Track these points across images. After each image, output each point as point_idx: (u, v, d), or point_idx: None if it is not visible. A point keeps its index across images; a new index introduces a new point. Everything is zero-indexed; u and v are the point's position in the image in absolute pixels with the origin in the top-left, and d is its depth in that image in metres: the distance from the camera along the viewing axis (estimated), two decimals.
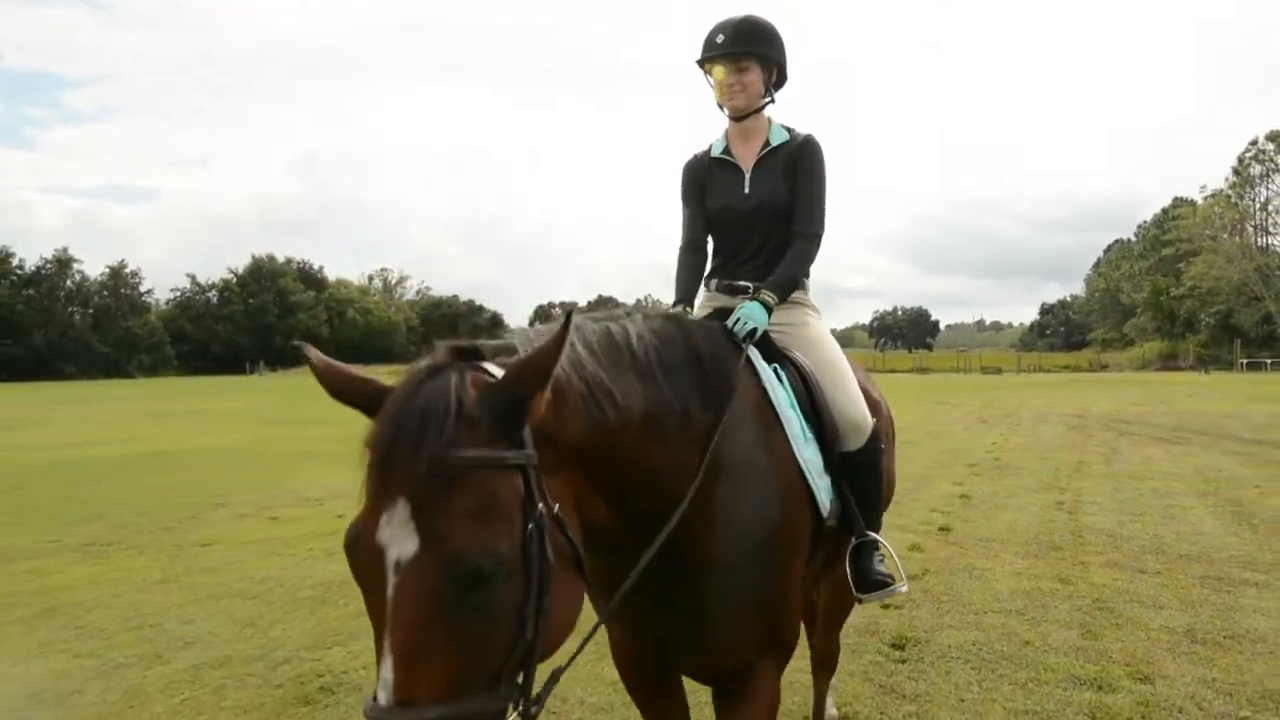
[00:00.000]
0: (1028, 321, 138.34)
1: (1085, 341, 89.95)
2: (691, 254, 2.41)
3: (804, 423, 1.94)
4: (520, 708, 1.19)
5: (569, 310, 1.27)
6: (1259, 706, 3.26)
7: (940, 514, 7.11)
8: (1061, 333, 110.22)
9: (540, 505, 1.18)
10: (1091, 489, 8.40)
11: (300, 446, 13.90)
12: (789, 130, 2.36)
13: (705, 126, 2.46)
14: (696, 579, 1.65)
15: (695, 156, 2.45)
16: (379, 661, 1.11)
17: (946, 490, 8.37)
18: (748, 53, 2.24)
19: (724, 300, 2.30)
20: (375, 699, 1.10)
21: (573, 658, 1.38)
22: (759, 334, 2.04)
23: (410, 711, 1.07)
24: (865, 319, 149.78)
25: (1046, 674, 3.61)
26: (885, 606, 4.44)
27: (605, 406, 1.40)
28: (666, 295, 2.43)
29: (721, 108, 2.34)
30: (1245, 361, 51.51)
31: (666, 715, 2.03)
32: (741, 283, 2.28)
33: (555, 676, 1.31)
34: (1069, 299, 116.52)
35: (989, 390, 30.50)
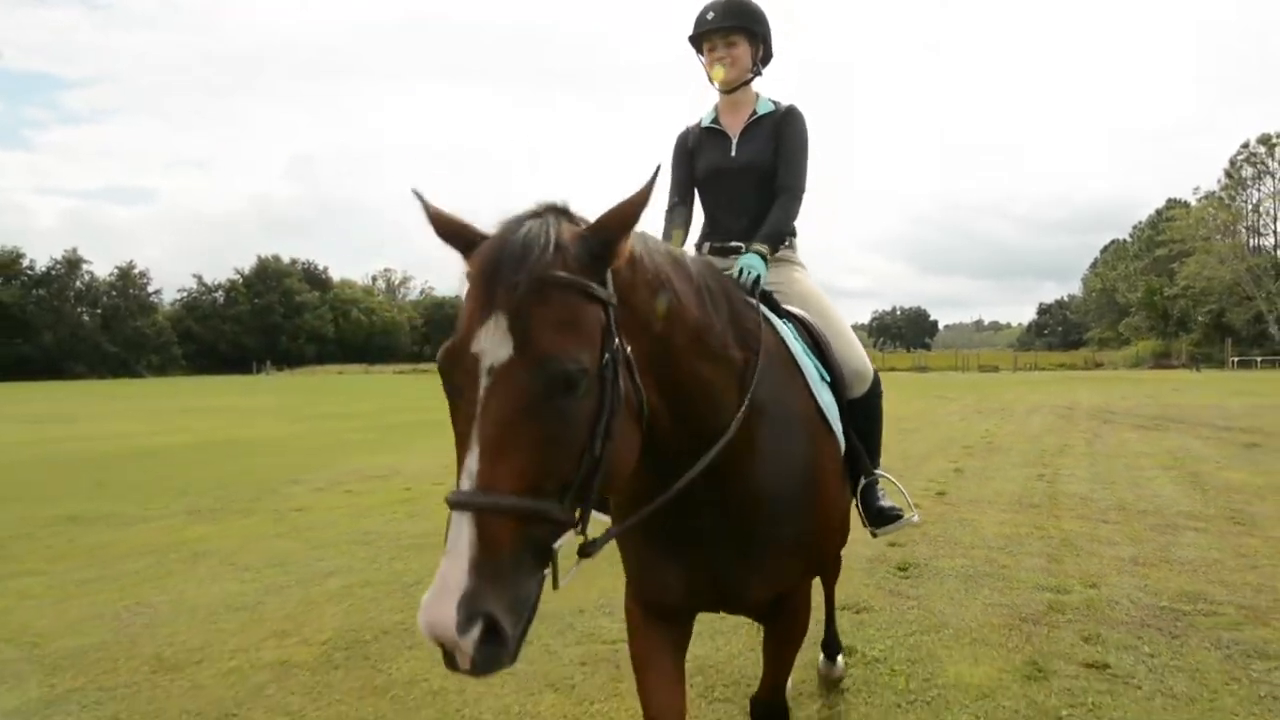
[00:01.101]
0: (1026, 322, 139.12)
1: (1083, 341, 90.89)
2: (676, 211, 2.56)
3: (820, 370, 2.07)
4: (579, 530, 1.31)
5: (659, 166, 1.36)
6: (1174, 600, 4.32)
7: (937, 484, 8.17)
8: (1059, 332, 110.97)
9: (617, 341, 1.32)
10: (1070, 464, 9.48)
11: (340, 437, 14.90)
12: (774, 102, 2.54)
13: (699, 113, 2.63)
14: (742, 516, 1.75)
15: (686, 128, 2.63)
16: (463, 456, 1.21)
17: (943, 466, 9.43)
18: (736, 27, 2.43)
19: (719, 262, 2.37)
20: (458, 488, 1.20)
21: (626, 525, 1.59)
22: (763, 282, 2.17)
23: (490, 496, 1.18)
24: (864, 319, 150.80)
25: (1017, 584, 4.67)
26: (892, 545, 5.47)
27: (669, 288, 1.52)
28: None
29: (712, 81, 2.52)
30: (1236, 359, 52.67)
31: (668, 675, 1.95)
32: (733, 244, 2.44)
33: (609, 533, 1.51)
34: (1066, 299, 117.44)
35: (985, 387, 31.57)
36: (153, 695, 3.44)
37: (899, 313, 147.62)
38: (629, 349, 1.35)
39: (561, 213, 1.37)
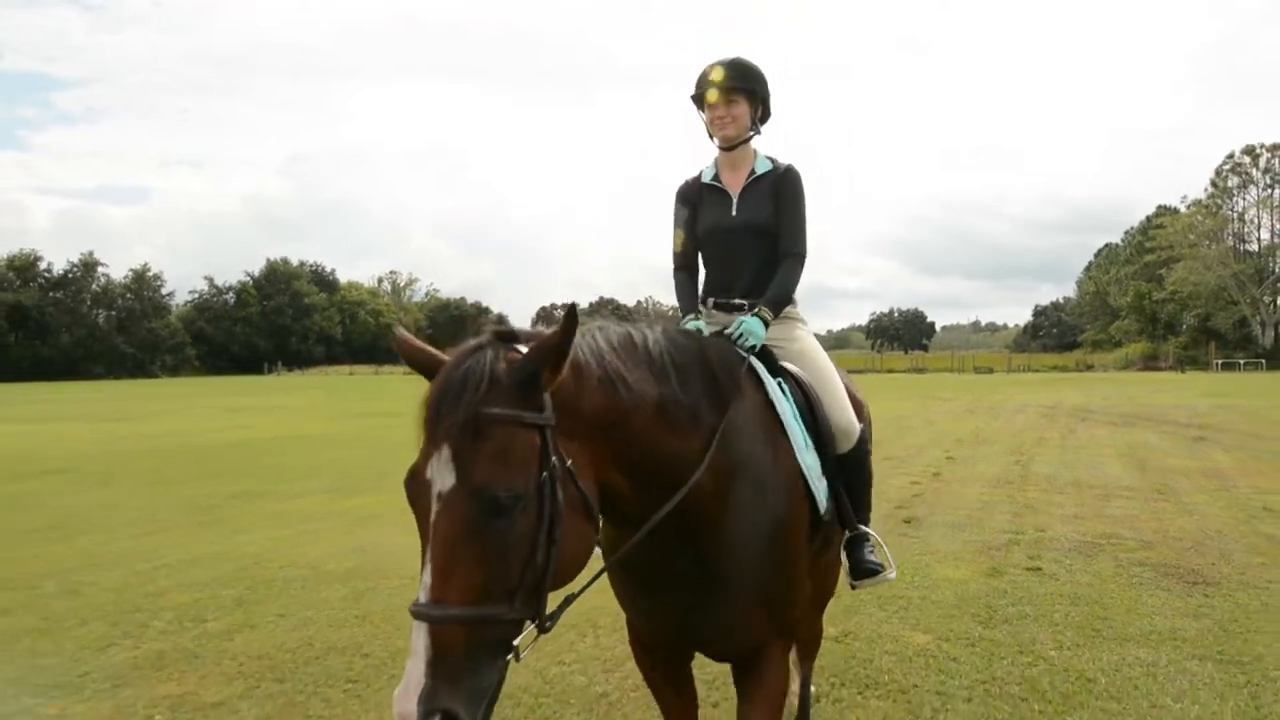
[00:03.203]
0: (1023, 323, 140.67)
1: (1077, 343, 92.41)
2: (685, 272, 2.71)
3: (805, 433, 2.18)
4: (535, 622, 1.50)
5: (571, 305, 1.49)
6: (1095, 538, 6.24)
7: (933, 467, 10.09)
8: (1054, 334, 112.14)
9: (554, 459, 1.47)
10: (1044, 453, 11.44)
11: (401, 434, 16.37)
12: (772, 160, 2.64)
13: (697, 126, 2.62)
14: (713, 565, 1.89)
15: (686, 182, 2.72)
16: (422, 570, 1.41)
17: (938, 455, 11.34)
18: (738, 88, 2.52)
19: (722, 318, 2.52)
20: (417, 599, 1.39)
21: (584, 587, 1.70)
22: (759, 347, 2.30)
23: (441, 608, 1.36)
24: (862, 320, 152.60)
25: (989, 528, 6.60)
26: (899, 507, 7.35)
27: (619, 388, 1.67)
28: (661, 295, 3.32)
29: (712, 138, 2.62)
30: (1220, 362, 54.75)
31: (678, 698, 2.24)
32: (737, 301, 2.54)
33: (567, 601, 1.61)
34: (1061, 301, 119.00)
35: (979, 388, 33.56)
36: None
37: (896, 314, 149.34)
38: (569, 461, 1.51)
39: (505, 339, 1.54)
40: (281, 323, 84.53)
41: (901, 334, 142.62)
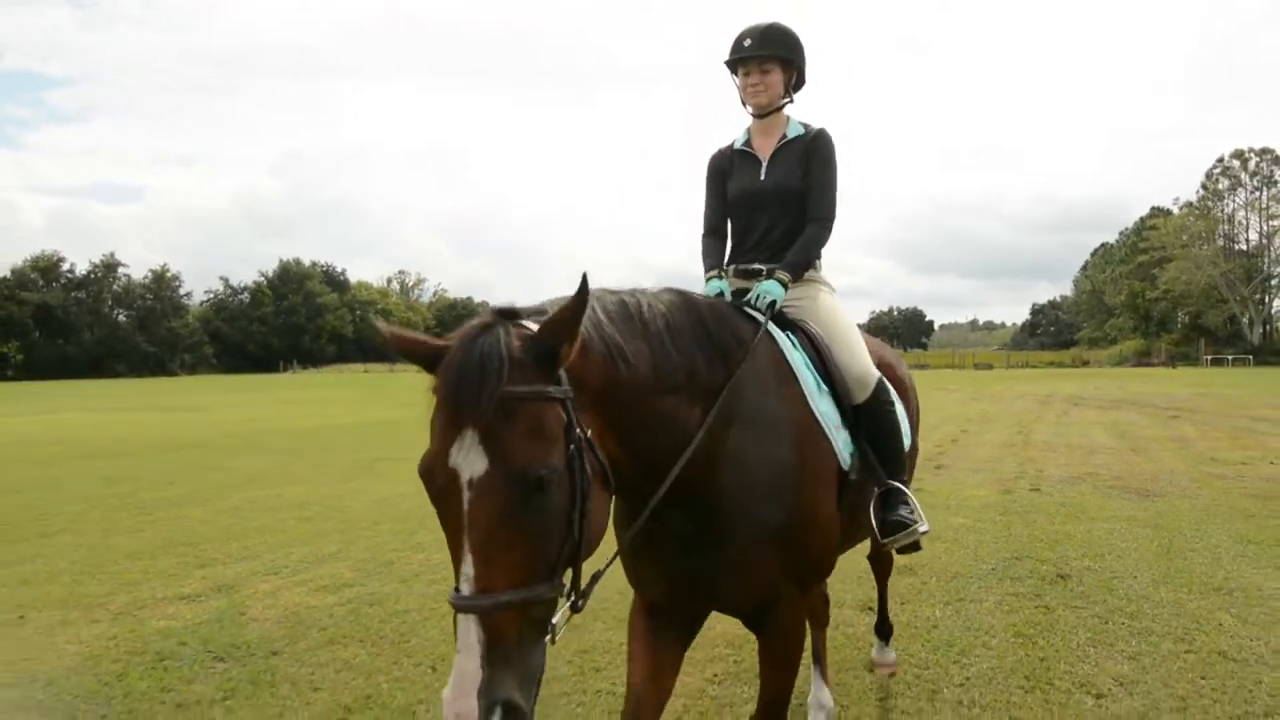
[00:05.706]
0: (1020, 321, 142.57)
1: (1074, 341, 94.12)
2: (713, 238, 2.69)
3: (818, 380, 2.20)
4: (570, 599, 1.50)
5: (584, 274, 1.47)
6: (1080, 475, 8.38)
7: (950, 436, 12.28)
8: (1052, 332, 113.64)
9: (578, 430, 1.48)
10: (1041, 427, 13.62)
11: None
12: (805, 125, 2.62)
13: (696, 126, 3.96)
14: (715, 516, 1.91)
15: (719, 150, 2.73)
16: (459, 562, 1.38)
17: (953, 429, 13.51)
18: (771, 55, 2.51)
19: (740, 284, 2.51)
20: (459, 591, 1.36)
21: (609, 563, 1.75)
22: (777, 306, 2.31)
23: (490, 597, 1.34)
24: (862, 319, 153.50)
25: (1000, 472, 8.74)
26: (928, 459, 9.43)
27: (619, 362, 1.68)
28: None
29: (745, 104, 2.61)
30: (1210, 358, 56.98)
31: (650, 679, 2.10)
32: (755, 266, 2.51)
33: (595, 578, 1.62)
34: (1059, 299, 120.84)
35: (980, 381, 35.79)
36: None
37: (896, 313, 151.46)
38: (589, 432, 1.52)
39: (509, 317, 1.51)
40: (295, 322, 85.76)
41: (901, 333, 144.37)
